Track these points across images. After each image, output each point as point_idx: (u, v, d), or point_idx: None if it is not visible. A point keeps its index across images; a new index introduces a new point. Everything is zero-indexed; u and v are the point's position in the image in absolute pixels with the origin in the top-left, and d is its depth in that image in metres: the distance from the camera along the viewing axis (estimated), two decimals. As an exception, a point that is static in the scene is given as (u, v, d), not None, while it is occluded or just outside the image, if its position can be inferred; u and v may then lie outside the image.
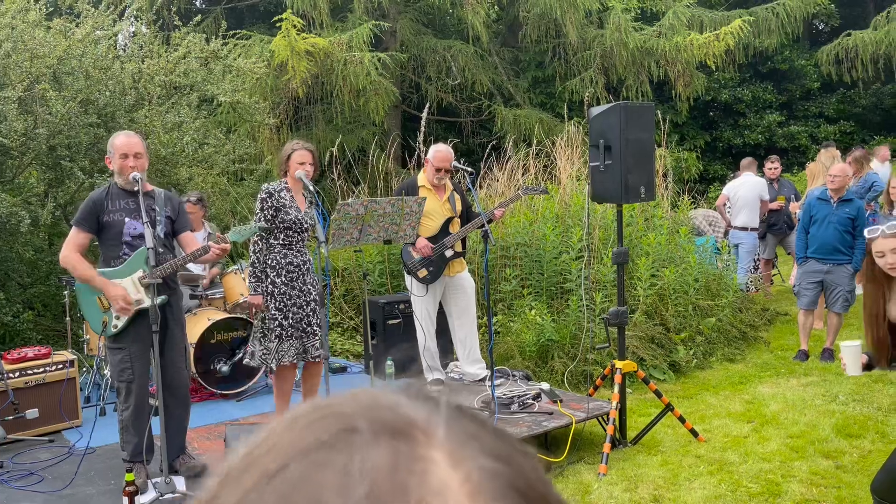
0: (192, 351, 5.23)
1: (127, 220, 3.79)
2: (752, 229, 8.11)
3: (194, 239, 4.04)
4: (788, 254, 8.52)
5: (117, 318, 3.76)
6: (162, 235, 3.80)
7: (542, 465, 0.40)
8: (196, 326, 5.41)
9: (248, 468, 0.37)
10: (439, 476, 0.35)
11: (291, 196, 4.34)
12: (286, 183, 4.37)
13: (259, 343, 4.33)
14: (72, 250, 3.77)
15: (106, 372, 5.23)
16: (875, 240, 2.83)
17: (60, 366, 4.89)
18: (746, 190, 8.14)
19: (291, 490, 0.34)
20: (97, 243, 3.92)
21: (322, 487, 0.34)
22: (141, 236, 3.75)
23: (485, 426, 0.39)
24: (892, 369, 3.03)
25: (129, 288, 3.74)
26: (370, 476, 0.34)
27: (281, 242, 4.30)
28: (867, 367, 3.11)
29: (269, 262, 4.30)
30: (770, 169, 8.58)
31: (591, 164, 4.65)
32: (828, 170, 6.59)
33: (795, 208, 7.97)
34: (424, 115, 8.36)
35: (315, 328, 4.37)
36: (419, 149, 7.83)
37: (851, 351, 3.09)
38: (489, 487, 0.35)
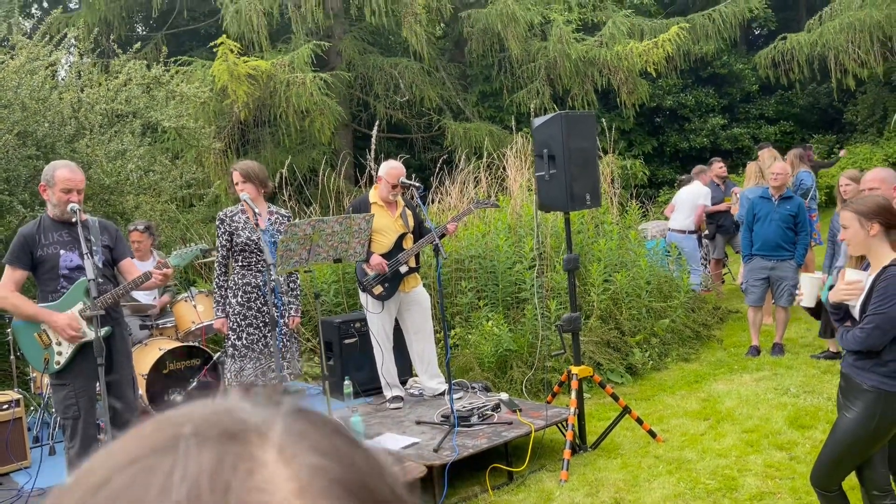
0: (142, 382, 5.11)
1: (62, 252, 3.68)
2: (691, 232, 8.40)
3: (134, 266, 3.96)
4: (737, 252, 8.73)
5: (59, 353, 3.65)
6: (100, 265, 3.69)
7: (385, 463, 0.40)
8: (148, 357, 5.29)
9: (74, 486, 0.36)
10: (265, 475, 0.35)
11: (246, 218, 4.37)
12: (242, 206, 4.41)
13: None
14: (9, 290, 3.64)
15: (54, 410, 5.08)
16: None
17: (6, 406, 4.73)
18: (687, 194, 8.47)
19: (114, 501, 0.34)
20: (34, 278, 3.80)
21: (145, 493, 0.34)
22: (78, 268, 3.65)
23: (322, 425, 0.39)
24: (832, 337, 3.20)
25: None
26: (192, 478, 0.34)
27: (240, 264, 4.38)
28: (816, 312, 3.31)
29: (229, 284, 4.39)
30: (719, 168, 8.97)
31: (537, 173, 4.70)
32: (768, 168, 6.77)
33: (734, 210, 8.23)
34: (374, 132, 8.36)
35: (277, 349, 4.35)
36: (370, 166, 7.82)
37: (810, 281, 3.26)
38: (316, 484, 0.35)
